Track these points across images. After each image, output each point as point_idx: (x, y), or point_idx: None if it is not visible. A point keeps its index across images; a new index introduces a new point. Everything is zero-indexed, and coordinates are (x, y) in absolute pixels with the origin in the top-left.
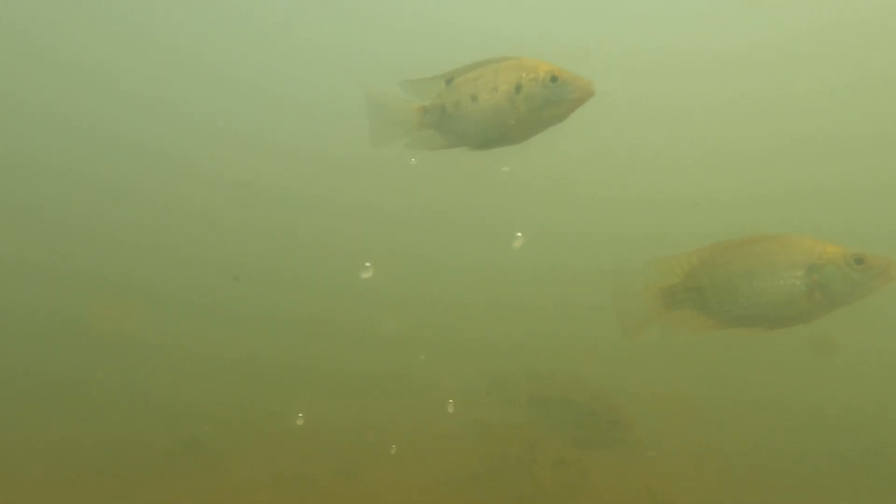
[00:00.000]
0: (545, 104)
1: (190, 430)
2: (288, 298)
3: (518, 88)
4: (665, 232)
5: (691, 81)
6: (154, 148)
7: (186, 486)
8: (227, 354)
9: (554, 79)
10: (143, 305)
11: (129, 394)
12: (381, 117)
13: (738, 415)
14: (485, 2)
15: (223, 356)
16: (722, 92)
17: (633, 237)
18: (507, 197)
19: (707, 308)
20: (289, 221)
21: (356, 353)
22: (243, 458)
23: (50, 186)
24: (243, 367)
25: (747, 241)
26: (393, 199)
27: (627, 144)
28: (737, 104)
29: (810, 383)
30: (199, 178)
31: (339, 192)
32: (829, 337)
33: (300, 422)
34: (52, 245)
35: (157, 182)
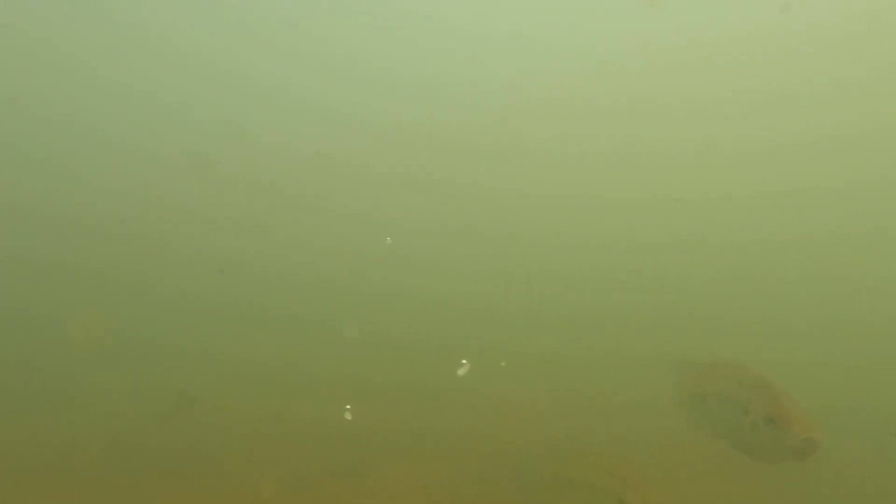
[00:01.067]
0: None
1: (189, 430)
2: (289, 297)
3: None
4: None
5: (675, 77)
6: (148, 145)
7: (187, 486)
8: (227, 354)
9: None
10: (138, 302)
11: (127, 393)
12: None
13: None
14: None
15: (222, 355)
16: (708, 88)
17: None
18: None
19: None
20: (283, 220)
21: (362, 354)
22: (243, 458)
23: (38, 182)
24: (243, 367)
25: None
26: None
27: (612, 142)
28: (724, 101)
29: None
30: (190, 173)
31: (336, 191)
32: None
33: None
34: (45, 241)
35: (148, 178)
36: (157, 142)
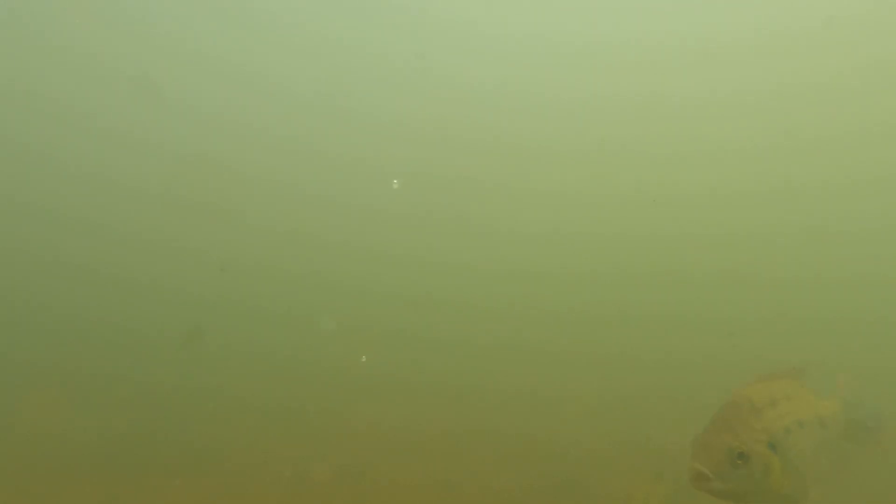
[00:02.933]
0: None
1: (189, 431)
2: (289, 296)
3: None
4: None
5: (656, 76)
6: (155, 143)
7: (187, 485)
8: (229, 353)
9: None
10: (142, 299)
11: (128, 392)
12: None
13: None
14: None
15: (224, 354)
16: (690, 88)
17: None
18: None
19: None
20: (288, 217)
21: (355, 350)
22: (244, 458)
23: (49, 180)
24: (244, 366)
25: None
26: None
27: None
28: (706, 101)
29: None
30: (195, 172)
31: (339, 188)
32: None
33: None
34: (49, 238)
35: (153, 175)
36: (166, 141)
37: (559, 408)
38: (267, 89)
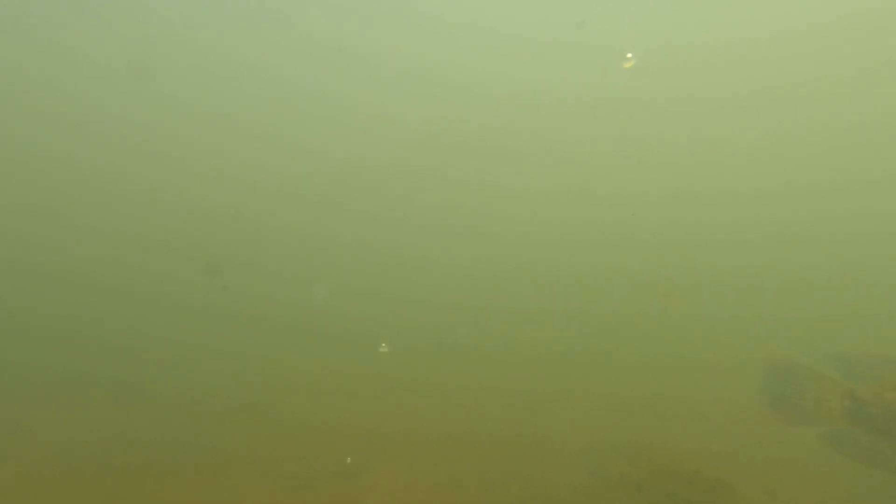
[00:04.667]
0: None
1: (189, 431)
2: (288, 297)
3: None
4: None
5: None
6: (158, 145)
7: (186, 485)
8: (228, 353)
9: None
10: (144, 302)
11: (128, 392)
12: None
13: None
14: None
15: (223, 354)
16: (689, 88)
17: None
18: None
19: None
20: (289, 219)
21: (357, 352)
22: (244, 458)
23: (54, 183)
24: (244, 366)
25: None
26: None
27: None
28: (703, 101)
29: None
30: (202, 176)
31: (341, 191)
32: None
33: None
34: (54, 241)
35: (161, 179)
36: (164, 141)
37: (559, 407)
38: (269, 90)
